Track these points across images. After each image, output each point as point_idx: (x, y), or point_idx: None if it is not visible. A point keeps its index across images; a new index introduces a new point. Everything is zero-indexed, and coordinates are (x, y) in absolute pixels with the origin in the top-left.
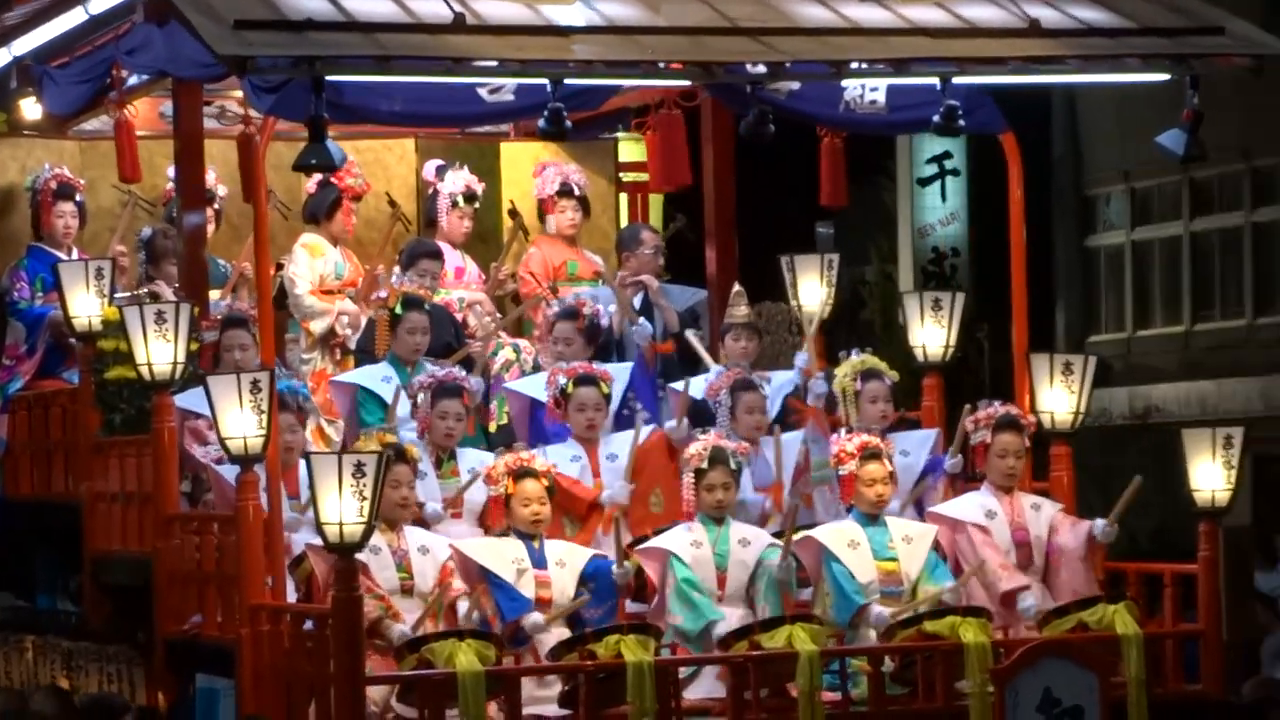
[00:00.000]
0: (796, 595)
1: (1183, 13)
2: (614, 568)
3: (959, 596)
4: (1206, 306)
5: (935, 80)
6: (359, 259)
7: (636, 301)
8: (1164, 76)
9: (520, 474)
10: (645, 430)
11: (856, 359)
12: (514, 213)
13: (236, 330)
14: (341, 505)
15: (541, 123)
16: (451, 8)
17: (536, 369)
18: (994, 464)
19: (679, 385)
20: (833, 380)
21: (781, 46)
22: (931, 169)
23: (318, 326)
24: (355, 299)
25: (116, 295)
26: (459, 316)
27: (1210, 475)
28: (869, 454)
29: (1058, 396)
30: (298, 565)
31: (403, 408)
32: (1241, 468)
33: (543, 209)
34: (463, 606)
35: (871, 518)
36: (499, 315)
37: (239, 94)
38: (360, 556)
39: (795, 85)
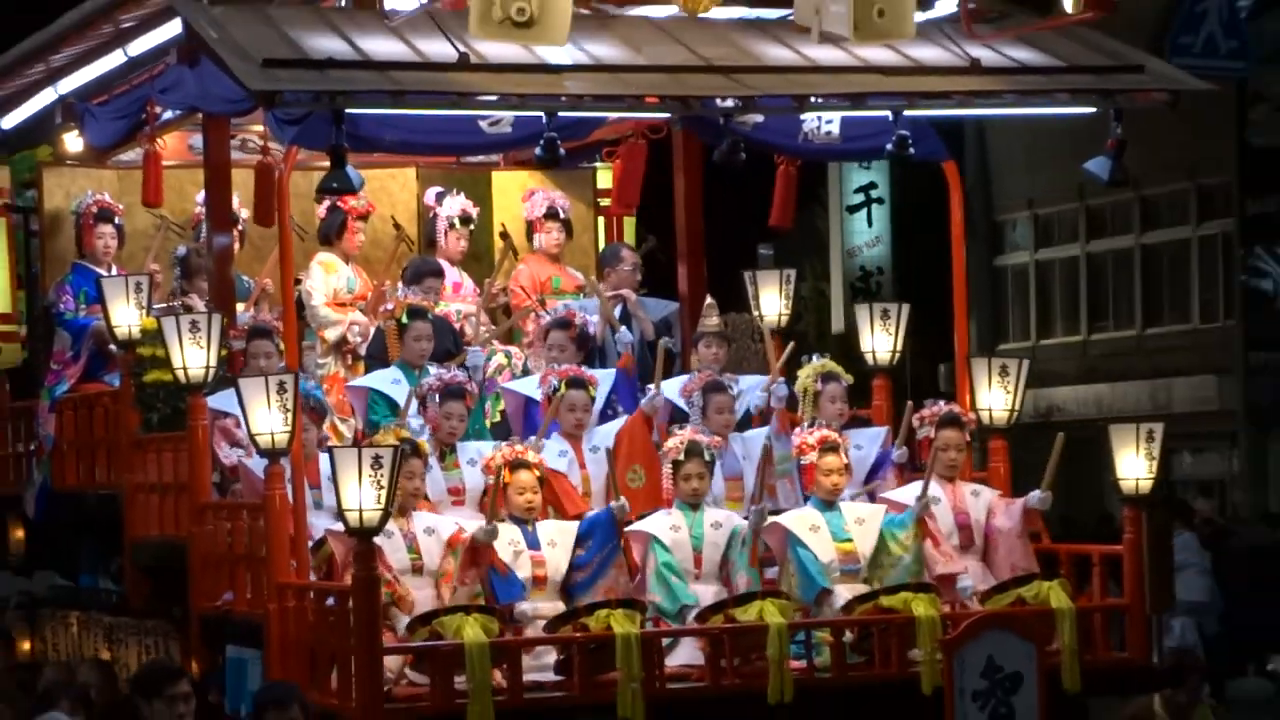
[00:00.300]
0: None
1: (1106, 53)
2: (613, 503)
3: (927, 504)
4: (1101, 319)
5: (888, 113)
6: (367, 275)
7: (616, 312)
8: (1090, 110)
9: (515, 465)
10: (619, 421)
11: (817, 363)
12: (504, 235)
13: (261, 340)
14: (361, 493)
15: (538, 150)
16: (456, 48)
17: (526, 372)
18: (938, 456)
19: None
20: (794, 382)
21: (750, 83)
22: (859, 198)
23: (332, 335)
24: (365, 311)
25: (154, 307)
26: (457, 326)
27: (1134, 466)
28: (827, 447)
29: (995, 396)
30: (318, 549)
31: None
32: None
33: (531, 229)
34: (481, 533)
35: (828, 504)
36: (493, 325)
37: (259, 128)
38: (377, 540)
39: (760, 118)
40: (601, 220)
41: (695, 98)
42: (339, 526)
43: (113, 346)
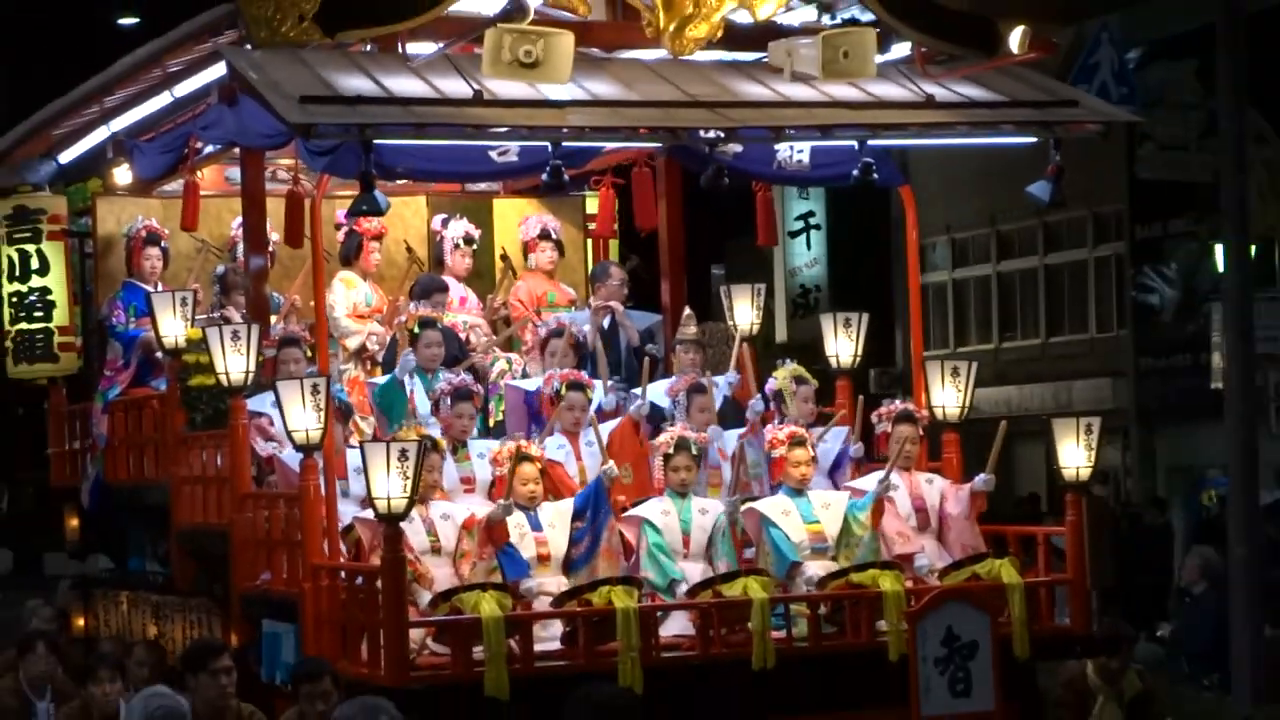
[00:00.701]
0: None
1: (1044, 90)
2: (602, 469)
3: (888, 486)
4: (1010, 329)
5: (854, 142)
6: (383, 291)
7: (605, 322)
8: (1032, 140)
9: (519, 458)
10: (614, 423)
11: (790, 367)
12: (505, 256)
13: (291, 348)
14: (389, 483)
15: (545, 176)
16: (471, 86)
17: (525, 376)
18: (894, 449)
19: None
20: (770, 383)
21: (732, 116)
22: (799, 224)
23: (352, 343)
24: (381, 323)
25: (195, 320)
26: (463, 336)
27: (1075, 455)
28: (796, 441)
29: (948, 394)
30: (346, 534)
31: (423, 406)
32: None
33: (526, 249)
34: (499, 509)
35: (797, 492)
36: (494, 335)
37: (289, 161)
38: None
39: (740, 148)
40: (589, 242)
41: (683, 129)
42: (367, 513)
43: (159, 355)
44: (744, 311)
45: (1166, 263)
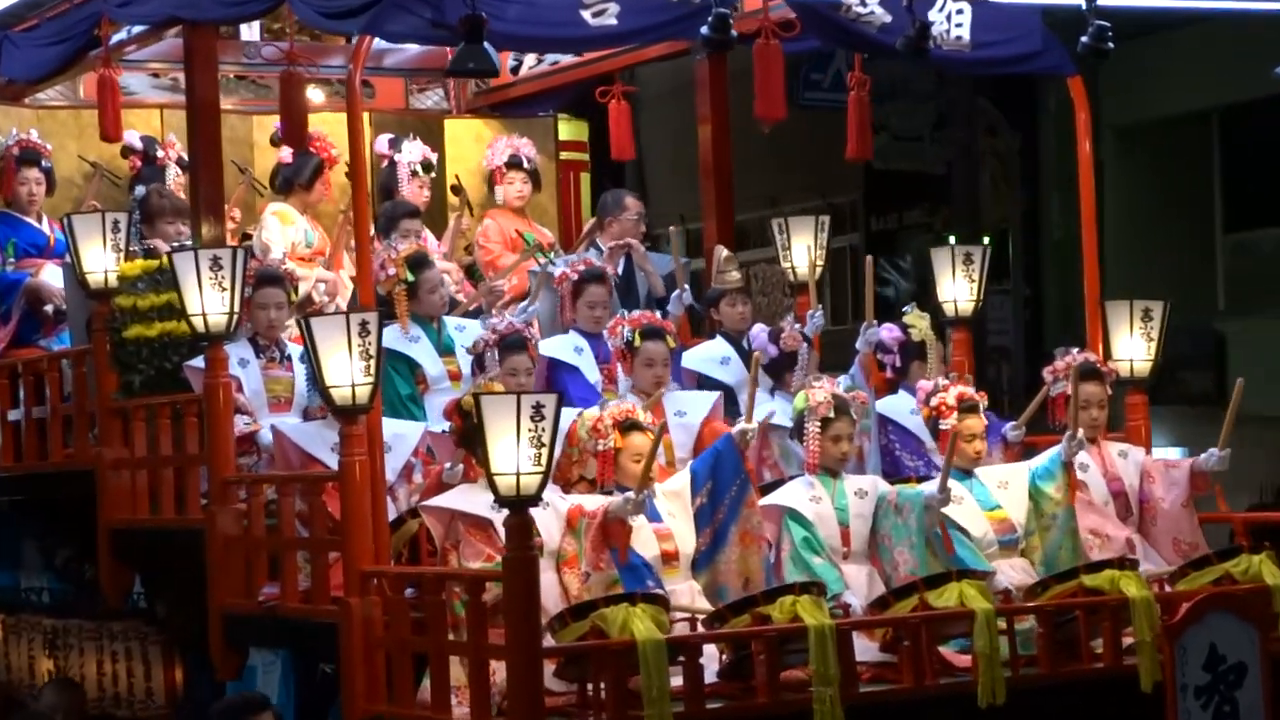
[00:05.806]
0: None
1: None
2: (734, 428)
3: (1080, 443)
4: None
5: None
6: (323, 230)
7: (620, 266)
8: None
9: (627, 426)
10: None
11: (921, 313)
12: (457, 188)
13: (271, 288)
14: (518, 453)
15: (705, 30)
16: None
17: None
18: (1076, 415)
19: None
20: (893, 332)
21: None
22: None
23: (298, 291)
24: (327, 265)
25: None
26: None
27: None
28: (967, 407)
29: (1136, 344)
30: (395, 529)
31: (433, 368)
32: None
33: (491, 180)
34: (629, 504)
35: (966, 472)
36: (466, 283)
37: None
38: (488, 514)
39: (888, 19)
40: (560, 174)
41: None
42: (441, 500)
43: (48, 308)
44: (802, 252)
45: (901, 255)
